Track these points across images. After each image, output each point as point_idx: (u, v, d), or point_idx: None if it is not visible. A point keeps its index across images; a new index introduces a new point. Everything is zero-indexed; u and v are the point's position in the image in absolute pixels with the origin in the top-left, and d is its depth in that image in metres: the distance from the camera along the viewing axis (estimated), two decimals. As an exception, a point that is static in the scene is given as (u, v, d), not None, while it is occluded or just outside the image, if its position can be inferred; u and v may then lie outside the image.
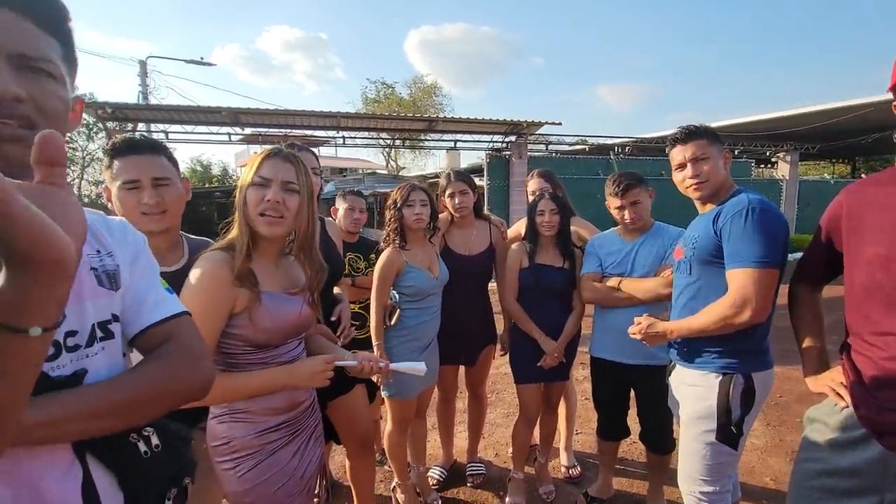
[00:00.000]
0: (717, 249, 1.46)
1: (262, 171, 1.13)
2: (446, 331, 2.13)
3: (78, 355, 0.63)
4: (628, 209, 1.92)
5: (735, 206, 1.43)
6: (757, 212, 1.38)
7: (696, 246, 1.52)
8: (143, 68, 12.49)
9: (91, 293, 0.66)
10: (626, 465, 2.61)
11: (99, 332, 0.66)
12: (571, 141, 11.16)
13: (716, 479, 1.51)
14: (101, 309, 0.67)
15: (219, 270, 1.08)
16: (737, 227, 1.39)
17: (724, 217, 1.44)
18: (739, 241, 1.38)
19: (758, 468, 2.58)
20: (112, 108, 7.51)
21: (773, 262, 1.36)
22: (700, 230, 1.53)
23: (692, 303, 1.54)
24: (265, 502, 1.16)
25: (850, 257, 1.15)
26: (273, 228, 1.13)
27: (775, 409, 3.26)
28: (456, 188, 2.19)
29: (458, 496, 2.37)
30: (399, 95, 22.29)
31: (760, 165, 15.40)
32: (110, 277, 0.69)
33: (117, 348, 0.70)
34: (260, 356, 1.15)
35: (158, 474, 0.68)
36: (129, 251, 0.74)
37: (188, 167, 25.62)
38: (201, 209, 14.58)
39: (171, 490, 0.70)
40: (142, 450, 0.67)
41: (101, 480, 0.63)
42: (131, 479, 0.65)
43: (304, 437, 1.26)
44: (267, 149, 1.18)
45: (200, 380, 0.73)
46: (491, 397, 3.47)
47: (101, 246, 0.70)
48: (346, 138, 9.69)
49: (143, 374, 0.68)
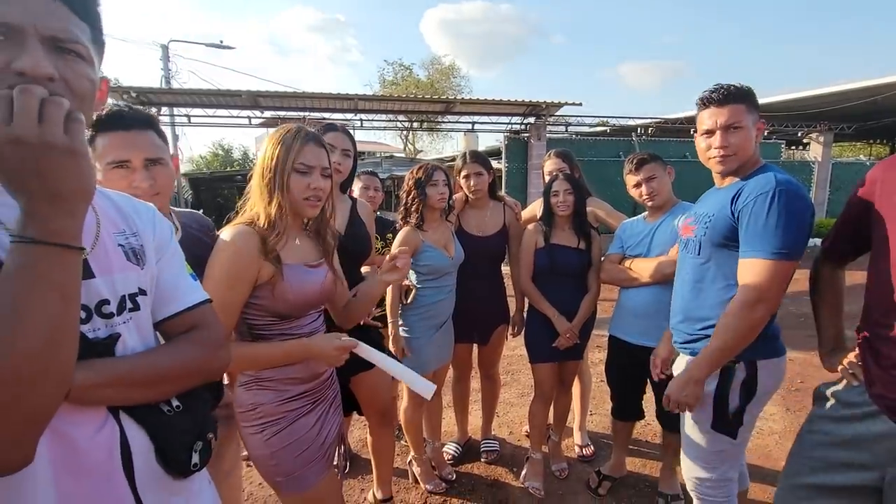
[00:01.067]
0: (732, 232, 1.32)
1: (303, 157, 1.17)
2: (459, 309, 2.17)
3: (111, 322, 0.68)
4: (644, 185, 1.92)
5: (760, 187, 1.26)
6: (784, 195, 1.23)
7: (710, 225, 1.38)
8: (166, 52, 12.64)
9: (120, 266, 0.70)
10: (640, 445, 2.63)
11: (129, 303, 0.71)
12: (592, 122, 10.94)
13: (714, 466, 1.45)
14: (129, 282, 0.71)
15: (244, 243, 1.12)
16: (759, 210, 1.24)
17: (745, 197, 1.28)
18: (760, 228, 1.24)
19: (774, 452, 2.56)
20: (136, 92, 7.68)
21: (794, 254, 1.23)
22: (715, 208, 1.38)
23: (699, 285, 1.45)
24: (288, 466, 1.23)
25: (880, 233, 1.09)
26: (314, 211, 1.22)
27: (796, 394, 3.21)
28: (471, 170, 2.19)
29: (473, 471, 2.44)
30: (417, 77, 22.12)
31: (791, 147, 14.81)
32: (136, 254, 0.73)
33: (145, 321, 0.75)
34: (282, 327, 1.21)
35: (182, 429, 0.74)
36: (155, 237, 0.79)
37: (210, 151, 26.05)
38: (223, 192, 14.87)
39: (196, 443, 0.75)
40: (164, 409, 0.72)
41: (133, 433, 0.69)
42: (159, 433, 0.71)
43: (324, 407, 1.32)
44: (299, 130, 1.18)
45: (220, 367, 0.81)
46: (506, 378, 3.52)
47: (127, 226, 0.75)
48: (363, 121, 9.70)
49: (176, 353, 0.75)
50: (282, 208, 1.16)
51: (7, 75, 0.54)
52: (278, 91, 8.35)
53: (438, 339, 2.10)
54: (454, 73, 22.52)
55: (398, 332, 2.02)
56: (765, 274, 1.23)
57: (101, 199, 0.74)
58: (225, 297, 1.08)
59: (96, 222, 0.70)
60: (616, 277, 2.04)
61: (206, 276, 1.09)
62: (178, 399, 0.74)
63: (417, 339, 2.05)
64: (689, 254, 1.48)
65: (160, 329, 0.79)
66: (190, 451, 0.74)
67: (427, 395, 1.24)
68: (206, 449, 0.77)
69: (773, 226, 1.22)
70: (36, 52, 0.56)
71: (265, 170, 1.17)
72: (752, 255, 1.26)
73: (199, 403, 0.78)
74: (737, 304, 1.27)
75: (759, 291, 1.23)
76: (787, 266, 1.23)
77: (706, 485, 1.48)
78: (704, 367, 1.34)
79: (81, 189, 0.54)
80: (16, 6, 0.55)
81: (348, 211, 1.82)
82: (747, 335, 1.27)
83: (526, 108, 8.81)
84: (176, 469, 0.73)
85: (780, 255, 1.22)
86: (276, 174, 1.16)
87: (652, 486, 2.26)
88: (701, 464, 1.47)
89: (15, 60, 0.55)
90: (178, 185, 11.11)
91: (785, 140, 12.69)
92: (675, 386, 1.39)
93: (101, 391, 0.64)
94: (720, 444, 1.41)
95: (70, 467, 0.62)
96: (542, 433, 2.35)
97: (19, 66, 0.54)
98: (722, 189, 1.43)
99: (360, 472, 2.39)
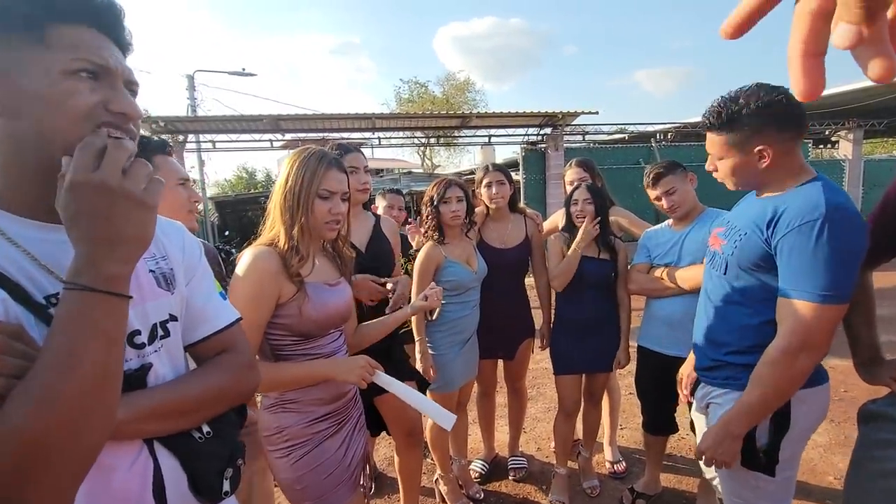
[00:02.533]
0: (765, 258, 1.16)
1: (327, 183, 1.19)
2: (484, 325, 2.14)
3: (143, 353, 0.68)
4: (664, 198, 1.91)
5: (805, 213, 1.06)
6: (836, 226, 1.03)
7: (739, 246, 1.22)
8: (191, 82, 13.19)
9: (151, 295, 0.70)
10: (675, 460, 2.53)
11: (160, 331, 0.71)
12: (610, 130, 10.83)
13: (750, 501, 1.28)
14: (160, 309, 0.72)
15: (265, 263, 1.14)
16: (804, 243, 1.05)
17: (784, 224, 1.09)
18: (806, 264, 1.05)
19: (820, 466, 2.43)
20: (164, 121, 8.00)
21: (846, 296, 1.04)
22: (749, 226, 1.21)
23: (722, 306, 1.29)
24: (315, 489, 1.22)
25: None
26: (333, 234, 1.26)
27: (839, 404, 3.05)
28: (493, 178, 2.19)
29: (501, 489, 2.38)
30: (432, 94, 22.41)
31: (819, 146, 14.33)
32: (167, 279, 0.73)
33: (177, 346, 0.75)
34: (304, 346, 1.22)
35: (214, 456, 0.74)
36: (184, 257, 0.78)
37: (234, 174, 26.85)
38: (247, 214, 15.26)
39: (227, 470, 0.75)
40: (196, 436, 0.73)
41: (166, 462, 0.69)
42: (192, 461, 0.71)
43: (349, 427, 1.32)
44: (323, 156, 1.21)
45: (252, 387, 0.81)
46: (532, 392, 3.45)
47: (157, 250, 0.75)
48: (381, 139, 9.86)
49: (206, 379, 0.74)
50: (304, 231, 1.18)
51: (100, 112, 0.59)
52: (298, 114, 8.58)
53: (464, 356, 2.08)
54: (469, 88, 22.75)
55: (426, 349, 2.01)
56: (811, 318, 1.05)
57: None
58: (248, 318, 1.08)
59: None
60: (646, 287, 1.99)
61: (228, 296, 1.11)
62: (209, 425, 0.74)
63: (443, 355, 2.04)
64: (715, 269, 1.33)
65: (192, 352, 0.79)
66: (221, 478, 0.74)
67: (447, 427, 1.23)
68: (236, 475, 0.77)
69: (822, 262, 1.03)
70: (127, 95, 0.62)
71: (288, 192, 1.19)
72: (795, 295, 1.07)
73: (228, 428, 0.78)
74: (777, 351, 1.10)
75: (803, 338, 1.06)
76: (838, 310, 1.05)
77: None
78: (743, 422, 1.17)
79: (141, 237, 0.56)
80: (108, 52, 0.60)
81: (371, 227, 1.84)
82: (790, 387, 1.12)
83: (542, 119, 8.80)
84: (207, 496, 0.73)
85: (829, 299, 1.04)
86: (299, 198, 1.17)
87: (689, 502, 2.17)
88: (735, 499, 1.31)
89: (111, 102, 0.59)
90: (205, 209, 11.46)
91: (811, 139, 12.29)
92: (710, 441, 1.22)
93: (136, 425, 0.64)
94: (753, 479, 1.24)
95: (104, 499, 0.63)
96: (567, 448, 2.30)
97: (119, 108, 0.60)
98: (758, 201, 1.25)
99: (386, 492, 2.37)
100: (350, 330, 1.44)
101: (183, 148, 8.70)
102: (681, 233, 1.94)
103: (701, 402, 1.42)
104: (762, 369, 1.13)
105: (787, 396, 1.14)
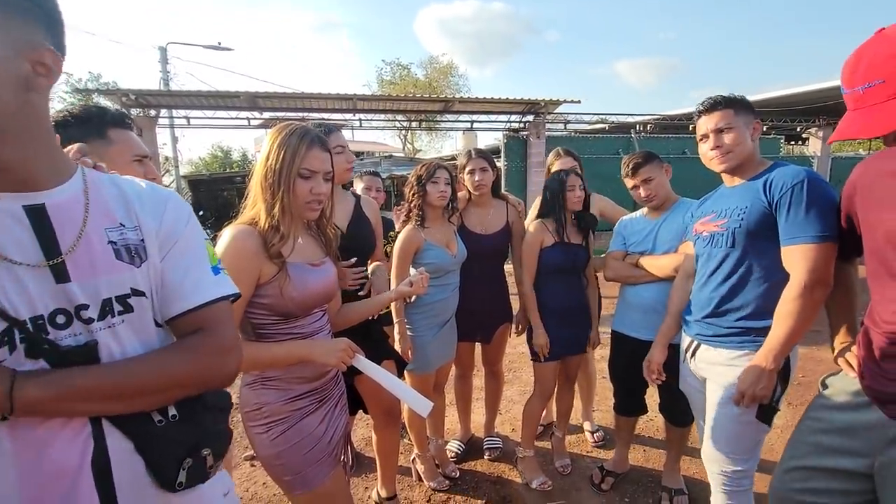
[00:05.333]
0: (769, 220, 1.38)
1: (309, 162, 1.17)
2: (463, 308, 2.17)
3: (91, 328, 0.65)
4: (642, 187, 1.96)
5: (792, 177, 1.35)
6: (816, 182, 1.32)
7: (746, 217, 1.43)
8: (164, 55, 12.63)
9: (106, 268, 0.66)
10: (643, 441, 2.64)
11: (117, 305, 0.67)
12: (591, 120, 10.90)
13: (748, 456, 1.49)
14: (117, 284, 0.67)
15: (244, 242, 1.13)
16: (798, 199, 1.32)
17: (779, 188, 1.36)
18: (803, 215, 1.31)
19: (776, 446, 2.57)
20: (135, 94, 7.66)
21: (835, 235, 1.29)
22: (746, 201, 1.44)
23: (733, 278, 1.47)
24: (295, 465, 1.23)
25: (865, 232, 1.15)
26: (315, 214, 1.24)
27: (798, 388, 3.23)
28: (476, 164, 2.20)
29: (476, 468, 2.44)
30: (415, 76, 22.07)
31: (791, 142, 14.79)
32: (130, 252, 0.68)
33: (143, 322, 0.70)
34: (286, 326, 1.21)
35: (173, 442, 0.69)
36: (161, 227, 0.72)
37: (209, 153, 26.03)
38: (223, 194, 14.86)
39: (186, 459, 0.70)
40: (155, 419, 0.68)
41: (118, 445, 0.66)
42: (146, 443, 0.68)
43: (330, 405, 1.33)
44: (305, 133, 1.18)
45: (225, 374, 0.74)
46: (508, 375, 3.52)
47: (126, 218, 0.69)
48: (362, 121, 9.70)
49: (161, 361, 0.69)
50: (285, 211, 1.16)
51: None
52: (277, 92, 8.35)
53: (442, 337, 2.11)
54: (452, 72, 22.48)
55: (404, 330, 2.03)
56: (816, 257, 1.29)
57: (106, 187, 0.70)
58: None
59: (83, 219, 0.66)
60: (622, 274, 2.05)
61: None
62: (176, 408, 0.70)
63: (421, 337, 2.06)
64: (719, 248, 1.51)
65: (171, 328, 0.74)
66: (178, 468, 0.69)
67: (423, 413, 1.25)
68: (197, 466, 0.71)
69: (815, 211, 1.30)
70: None
71: (268, 171, 1.16)
72: (801, 240, 1.31)
73: (200, 413, 0.73)
74: (797, 289, 1.31)
75: (815, 274, 1.29)
76: (833, 247, 1.29)
77: (738, 475, 1.50)
78: (778, 355, 1.35)
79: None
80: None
81: (351, 208, 1.83)
82: (810, 317, 1.32)
83: (524, 106, 8.79)
84: (161, 485, 0.69)
85: (825, 238, 1.29)
86: (280, 177, 1.15)
87: (655, 480, 2.27)
88: (739, 456, 1.49)
89: None
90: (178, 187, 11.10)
91: (783, 136, 12.67)
92: (749, 381, 1.37)
93: (64, 404, 0.60)
94: (758, 433, 1.47)
95: (35, 475, 0.61)
96: (534, 431, 2.38)
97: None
98: (739, 186, 1.50)
99: (363, 471, 2.40)
100: (334, 309, 1.44)
101: (155, 123, 8.35)
102: (656, 221, 2.00)
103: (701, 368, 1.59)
104: (786, 307, 1.33)
105: (807, 327, 1.34)
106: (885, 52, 0.94)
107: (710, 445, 1.54)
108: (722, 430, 1.50)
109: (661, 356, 1.81)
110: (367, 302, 1.53)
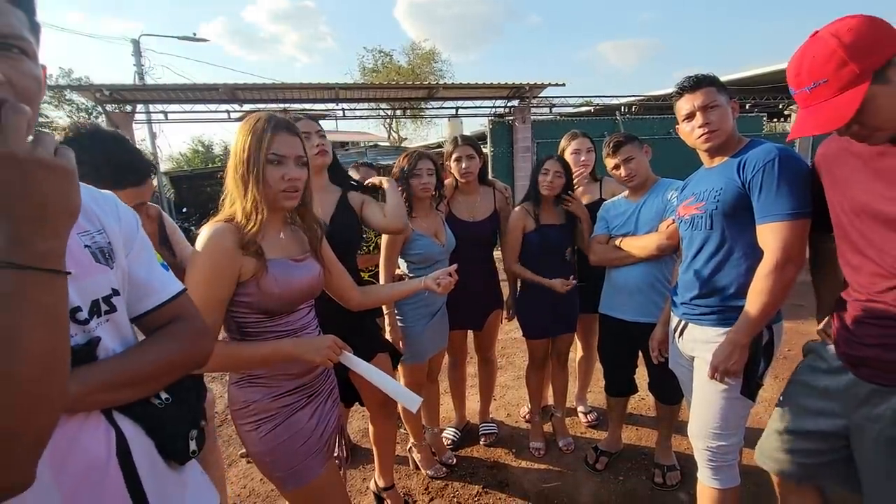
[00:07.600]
0: (744, 201, 1.39)
1: (276, 147, 1.13)
2: (453, 297, 2.15)
3: (87, 328, 0.67)
4: (623, 166, 1.97)
5: (764, 155, 1.34)
6: (787, 160, 1.32)
7: (721, 199, 1.44)
8: (137, 47, 12.26)
9: (88, 271, 0.68)
10: (635, 420, 2.68)
11: (104, 305, 0.69)
12: (576, 103, 10.87)
13: (733, 432, 1.50)
14: (100, 285, 0.69)
15: (222, 240, 1.09)
16: (769, 178, 1.32)
17: (751, 168, 1.36)
18: (774, 193, 1.31)
19: (764, 418, 2.61)
20: (109, 90, 7.43)
21: (808, 211, 1.30)
22: (721, 182, 1.44)
23: (715, 259, 1.49)
24: (285, 461, 1.22)
25: (830, 207, 1.20)
26: (292, 202, 1.19)
27: (784, 362, 3.30)
28: (463, 152, 2.18)
29: (473, 454, 2.47)
30: (397, 63, 21.75)
31: (773, 119, 14.94)
32: (104, 254, 0.71)
33: (124, 320, 0.74)
34: (271, 324, 1.19)
35: (177, 419, 0.76)
36: (121, 228, 0.76)
37: (190, 148, 25.48)
38: (206, 190, 14.60)
39: (192, 431, 0.78)
40: (155, 403, 0.74)
41: (130, 431, 0.71)
42: (155, 426, 0.73)
43: (320, 400, 1.31)
44: (269, 119, 1.15)
45: (204, 353, 0.81)
46: (501, 361, 3.55)
47: (91, 224, 0.71)
48: (345, 110, 9.54)
49: (159, 349, 0.74)
50: (256, 201, 1.12)
51: None
52: (256, 83, 8.13)
53: (433, 327, 2.10)
54: (435, 59, 22.18)
55: (395, 321, 2.02)
56: (788, 234, 1.30)
57: None
58: (206, 295, 1.05)
59: None
60: (607, 257, 2.06)
61: (186, 274, 1.08)
62: (167, 391, 0.75)
63: (412, 327, 2.05)
64: (699, 230, 1.53)
65: (140, 324, 0.78)
66: (187, 439, 0.77)
67: (412, 409, 1.23)
68: (201, 435, 0.80)
69: (786, 189, 1.30)
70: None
71: (238, 163, 1.13)
72: (773, 219, 1.32)
73: (188, 393, 0.79)
74: (768, 266, 1.32)
75: (787, 251, 1.30)
76: (805, 223, 1.30)
77: (723, 450, 1.52)
78: (748, 331, 1.38)
79: (66, 206, 0.51)
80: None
81: (336, 200, 1.79)
82: (782, 295, 1.34)
83: (509, 90, 8.72)
84: (175, 458, 0.76)
85: (797, 215, 1.29)
86: (248, 166, 1.12)
87: (648, 458, 2.31)
88: (723, 431, 1.50)
89: None
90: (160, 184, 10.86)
91: (766, 113, 12.78)
92: (721, 356, 1.41)
93: (92, 398, 0.64)
94: (743, 409, 1.49)
95: (70, 469, 0.63)
96: (538, 395, 2.49)
97: None
98: (716, 167, 1.51)
99: (360, 462, 2.41)
100: (346, 285, 1.43)
101: (132, 119, 8.12)
102: (636, 203, 2.01)
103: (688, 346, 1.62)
104: (759, 284, 1.34)
105: (780, 303, 1.37)
106: (824, 53, 0.99)
107: (696, 421, 1.56)
108: (707, 406, 1.52)
109: (663, 334, 1.85)
110: (393, 286, 1.59)
